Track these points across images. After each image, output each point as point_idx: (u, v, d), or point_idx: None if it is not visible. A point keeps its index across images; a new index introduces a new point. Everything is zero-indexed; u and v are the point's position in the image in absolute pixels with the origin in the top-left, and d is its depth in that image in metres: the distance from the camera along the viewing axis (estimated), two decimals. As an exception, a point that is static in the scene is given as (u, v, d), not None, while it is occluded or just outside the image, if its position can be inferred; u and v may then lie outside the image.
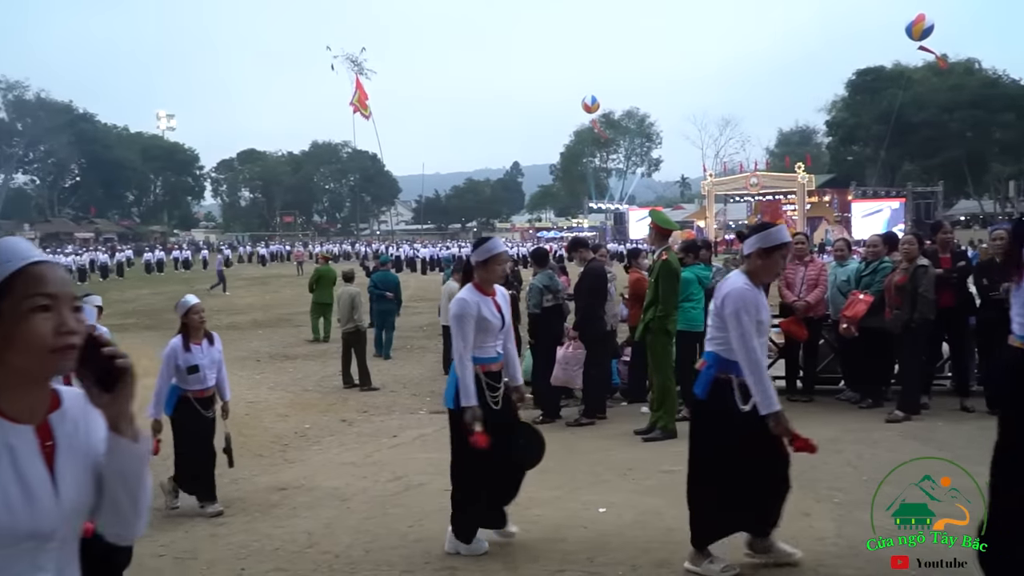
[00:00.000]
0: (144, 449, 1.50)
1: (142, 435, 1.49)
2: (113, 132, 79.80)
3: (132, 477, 1.49)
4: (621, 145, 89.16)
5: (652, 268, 7.26)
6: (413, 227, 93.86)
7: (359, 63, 75.97)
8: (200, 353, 5.98)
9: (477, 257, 4.43)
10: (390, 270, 15.13)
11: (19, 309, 1.39)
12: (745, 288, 3.70)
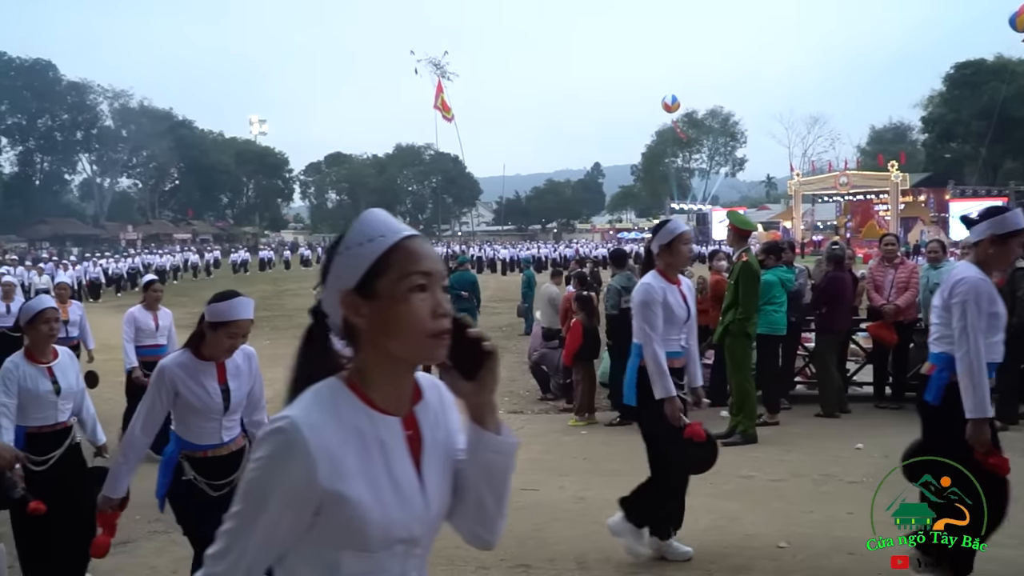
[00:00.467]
0: (511, 443, 1.37)
1: (504, 427, 1.37)
2: (209, 137, 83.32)
3: (499, 473, 1.37)
4: (704, 144, 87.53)
5: (732, 269, 7.15)
6: (494, 228, 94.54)
7: (442, 66, 76.97)
8: None
9: (661, 240, 4.16)
10: (468, 270, 15.38)
11: (397, 289, 1.27)
12: (979, 279, 3.37)
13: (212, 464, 3.34)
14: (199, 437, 3.32)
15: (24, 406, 3.97)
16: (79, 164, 74.64)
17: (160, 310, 7.18)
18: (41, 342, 4.18)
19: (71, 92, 69.52)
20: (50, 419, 4.07)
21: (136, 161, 76.00)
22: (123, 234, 64.26)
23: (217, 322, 3.24)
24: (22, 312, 4.17)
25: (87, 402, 4.37)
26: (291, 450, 1.22)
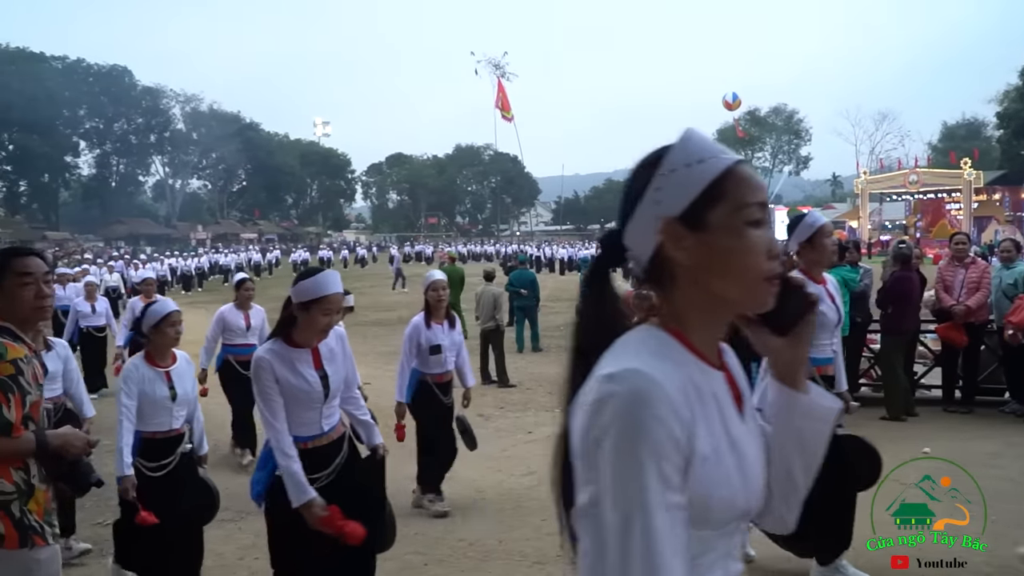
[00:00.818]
0: (831, 406, 1.16)
1: (814, 387, 1.17)
2: (275, 139, 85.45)
3: (813, 442, 1.15)
4: (767, 143, 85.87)
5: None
6: (552, 228, 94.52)
7: (501, 67, 77.41)
8: (441, 333, 5.58)
9: (799, 237, 3.81)
10: (527, 268, 15.59)
11: (733, 221, 1.08)
12: None
13: (313, 456, 3.19)
14: (299, 428, 3.18)
15: (140, 410, 3.94)
16: (152, 166, 77.58)
17: (252, 308, 7.07)
18: (165, 346, 4.10)
19: (145, 97, 72.19)
20: (164, 425, 4.02)
21: (206, 163, 78.47)
22: (193, 234, 66.40)
23: (309, 300, 3.10)
24: (148, 315, 4.07)
25: (198, 410, 4.32)
26: (653, 402, 0.97)
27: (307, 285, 3.11)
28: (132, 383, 3.93)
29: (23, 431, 2.41)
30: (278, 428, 3.07)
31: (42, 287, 2.56)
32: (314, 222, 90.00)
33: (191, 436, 4.23)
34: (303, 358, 3.18)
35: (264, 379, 3.09)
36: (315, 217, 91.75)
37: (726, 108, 68.65)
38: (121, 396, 3.92)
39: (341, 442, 3.33)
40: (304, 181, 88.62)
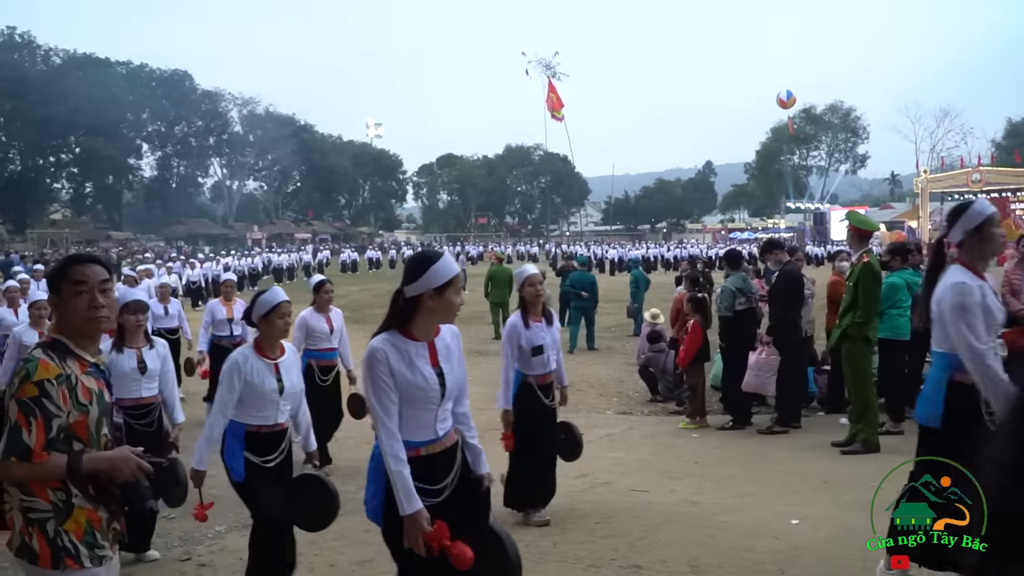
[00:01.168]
0: None
1: None
2: (328, 141, 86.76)
3: None
4: (823, 141, 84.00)
5: (851, 271, 6.90)
6: (602, 228, 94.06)
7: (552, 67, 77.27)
8: (541, 332, 5.18)
9: (966, 225, 3.47)
10: (588, 271, 15.83)
11: None
12: None
13: (429, 464, 2.85)
14: (414, 432, 2.83)
15: (246, 402, 3.80)
16: (211, 168, 79.42)
17: (332, 311, 6.83)
18: (274, 337, 3.94)
19: (205, 100, 73.99)
20: (270, 419, 3.88)
21: (262, 164, 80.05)
22: (249, 234, 67.84)
23: (442, 284, 2.79)
24: (257, 305, 3.92)
25: (304, 404, 4.16)
26: None
27: (438, 269, 2.79)
28: (238, 376, 3.78)
29: (46, 456, 2.26)
30: (391, 429, 2.76)
31: (96, 296, 2.41)
32: (366, 222, 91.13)
33: (299, 432, 4.12)
34: (420, 352, 2.85)
35: (379, 372, 2.77)
36: (367, 217, 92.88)
37: (780, 106, 67.45)
38: (222, 387, 3.80)
39: (455, 451, 2.97)
40: (356, 182, 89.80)
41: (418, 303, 2.82)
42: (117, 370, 4.55)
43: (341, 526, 5.22)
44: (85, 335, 2.45)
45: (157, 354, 4.84)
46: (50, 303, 2.57)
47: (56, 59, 64.26)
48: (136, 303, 4.85)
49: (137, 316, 4.78)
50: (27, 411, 2.24)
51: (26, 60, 61.75)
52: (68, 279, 2.40)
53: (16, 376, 2.30)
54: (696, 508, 5.37)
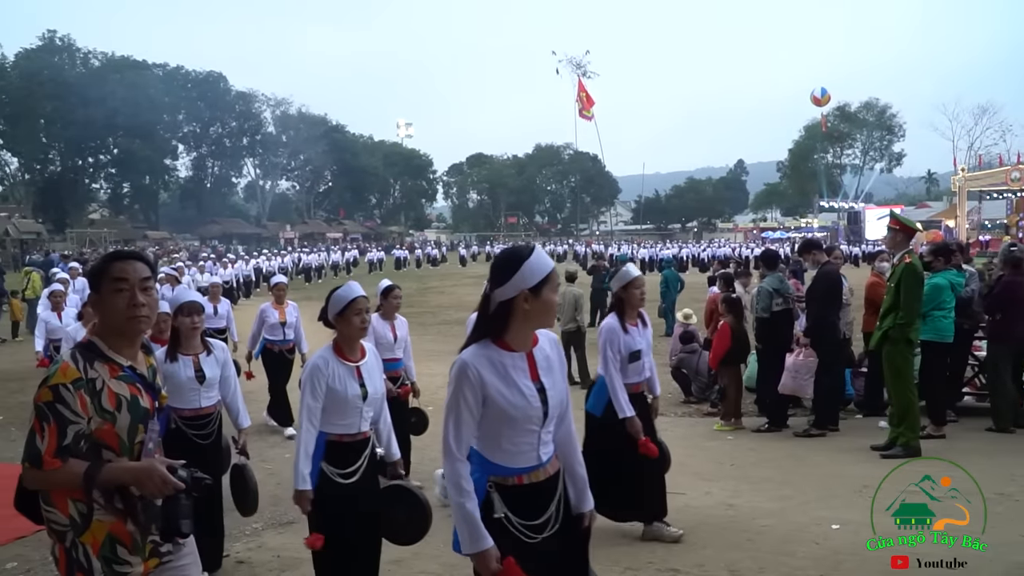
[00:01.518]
0: None
1: None
2: (360, 141, 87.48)
3: None
4: (858, 139, 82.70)
5: (892, 271, 6.77)
6: (632, 227, 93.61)
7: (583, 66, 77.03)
8: (639, 336, 4.82)
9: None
10: None
11: None
12: None
13: (528, 495, 2.42)
14: (513, 457, 2.42)
15: (327, 410, 3.46)
16: (244, 168, 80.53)
17: (397, 319, 6.17)
18: (352, 337, 3.56)
19: (239, 101, 74.97)
20: (353, 427, 3.53)
21: (294, 164, 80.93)
22: (282, 233, 68.60)
23: (540, 283, 2.37)
24: (332, 301, 3.57)
25: (386, 410, 3.80)
26: None
27: (532, 265, 2.38)
28: (319, 380, 3.44)
29: (59, 463, 2.14)
30: (459, 456, 2.36)
31: (137, 295, 2.28)
32: (396, 222, 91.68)
33: (381, 441, 3.75)
34: (519, 364, 2.43)
35: (465, 388, 2.36)
36: (397, 217, 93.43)
37: (815, 104, 66.48)
38: (305, 395, 3.45)
39: (558, 480, 2.52)
40: (387, 181, 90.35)
41: (512, 307, 2.41)
42: (173, 380, 4.27)
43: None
44: (124, 336, 2.31)
45: (216, 360, 4.50)
46: (90, 302, 2.41)
47: (95, 62, 65.51)
48: (191, 304, 4.45)
49: (192, 319, 4.41)
50: (41, 416, 2.15)
51: (66, 63, 63.05)
52: (108, 276, 2.29)
53: None
54: (733, 511, 5.31)
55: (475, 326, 2.52)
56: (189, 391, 4.37)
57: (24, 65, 59.47)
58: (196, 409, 4.41)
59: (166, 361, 4.31)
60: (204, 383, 4.42)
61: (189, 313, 4.40)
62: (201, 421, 4.42)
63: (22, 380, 10.51)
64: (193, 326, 4.42)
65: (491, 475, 2.42)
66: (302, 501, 3.40)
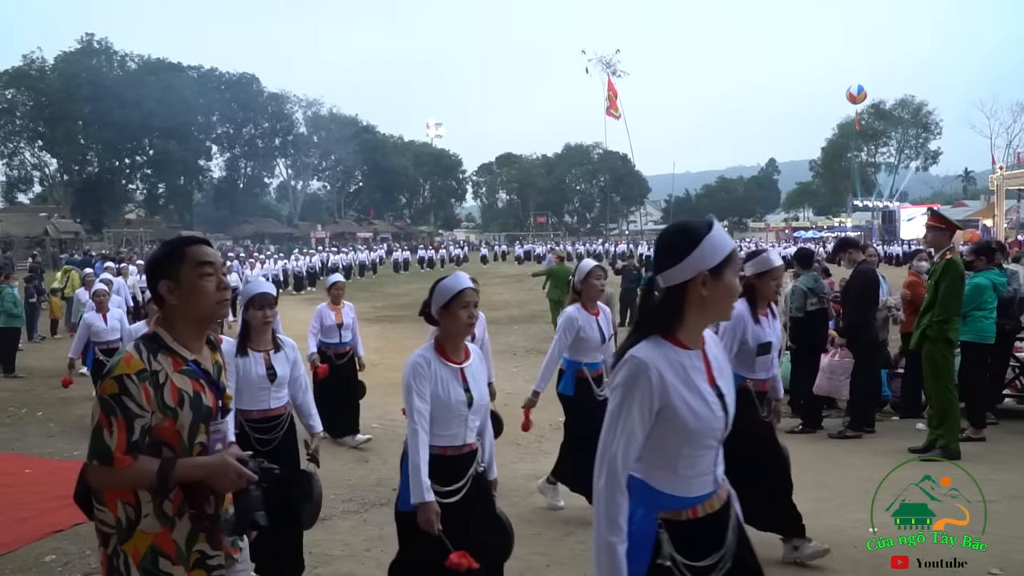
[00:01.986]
0: None
1: None
2: (390, 141, 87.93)
3: None
4: (892, 137, 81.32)
5: (932, 270, 6.64)
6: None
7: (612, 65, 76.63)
8: (768, 327, 4.46)
9: None
10: None
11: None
12: None
13: (702, 529, 1.98)
14: (688, 484, 1.97)
15: (430, 419, 3.06)
16: (276, 168, 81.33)
17: None
18: (458, 334, 3.17)
19: (271, 103, 75.76)
20: (459, 438, 3.12)
21: (325, 165, 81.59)
22: (313, 233, 69.18)
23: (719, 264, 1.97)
24: (437, 292, 3.16)
25: (489, 420, 3.38)
26: None
27: (713, 242, 1.98)
28: (424, 382, 3.07)
29: (130, 460, 2.02)
30: (622, 483, 1.90)
31: (222, 278, 2.24)
32: (426, 221, 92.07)
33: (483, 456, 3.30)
34: (696, 365, 2.01)
35: (640, 395, 1.91)
36: (427, 216, 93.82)
37: (850, 101, 65.50)
38: (412, 397, 3.06)
39: (731, 506, 2.09)
40: (417, 181, 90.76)
41: (685, 295, 2.00)
42: (242, 378, 4.04)
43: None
44: (202, 325, 2.23)
45: (286, 358, 4.22)
46: (165, 292, 2.19)
47: (132, 64, 66.64)
48: (263, 296, 4.16)
49: (264, 312, 4.12)
50: (108, 409, 2.03)
51: (104, 66, 64.25)
52: (192, 261, 2.18)
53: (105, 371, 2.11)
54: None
55: (639, 318, 2.10)
56: (258, 390, 4.11)
57: (63, 68, 60.74)
58: (264, 411, 4.15)
59: (236, 356, 4.06)
60: (275, 382, 4.15)
61: (261, 306, 4.13)
62: (269, 424, 4.13)
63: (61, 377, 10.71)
64: (265, 320, 4.14)
65: (661, 509, 1.95)
66: (428, 515, 2.95)
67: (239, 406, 4.05)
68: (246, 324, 4.16)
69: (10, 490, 6.20)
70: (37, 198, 64.90)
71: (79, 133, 62.85)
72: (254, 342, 4.16)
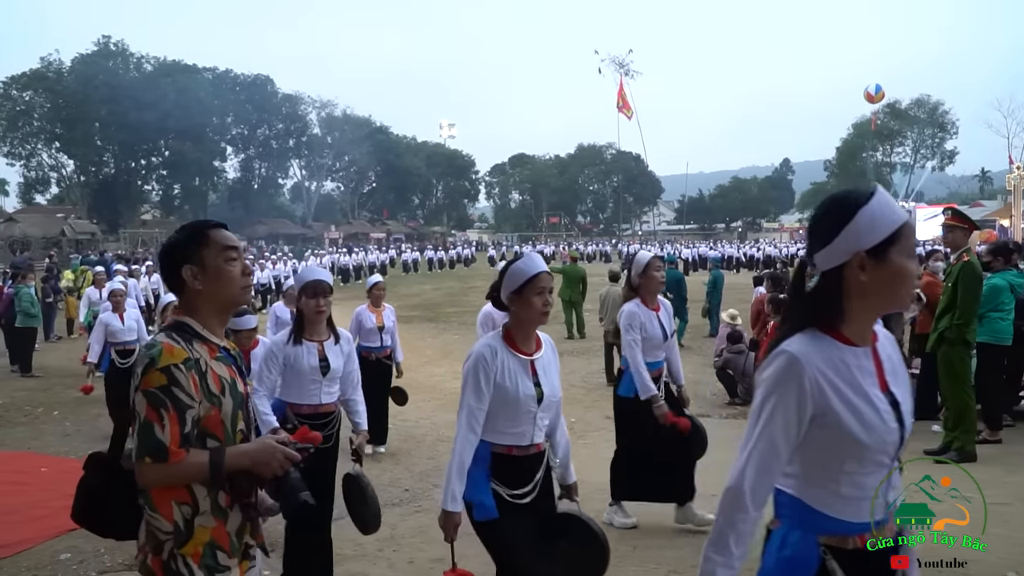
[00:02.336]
0: None
1: None
2: (403, 142, 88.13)
3: None
4: (908, 136, 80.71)
5: (949, 271, 6.58)
6: (675, 227, 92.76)
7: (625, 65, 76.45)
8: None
9: None
10: (676, 268, 16.13)
11: None
12: None
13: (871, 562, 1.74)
14: (856, 506, 1.70)
15: (492, 414, 2.79)
16: (291, 169, 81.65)
17: None
18: (531, 322, 2.84)
19: (285, 104, 76.07)
20: (526, 437, 2.84)
21: (339, 166, 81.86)
22: (327, 233, 69.44)
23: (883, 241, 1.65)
24: (509, 276, 2.86)
25: (562, 418, 3.13)
26: None
27: (874, 212, 1.64)
28: (486, 374, 2.76)
29: (183, 454, 1.94)
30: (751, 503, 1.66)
31: (246, 262, 2.18)
32: (439, 222, 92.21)
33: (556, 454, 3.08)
34: (865, 366, 1.70)
35: (786, 396, 1.63)
36: (440, 217, 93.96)
37: (868, 100, 65.00)
38: (467, 393, 2.79)
39: None
40: (430, 182, 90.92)
41: (843, 281, 1.68)
42: (293, 367, 3.86)
43: (420, 523, 5.29)
44: (226, 311, 2.17)
45: (341, 351, 4.02)
46: (188, 277, 2.09)
47: (148, 66, 67.13)
48: (317, 284, 3.92)
49: (318, 300, 3.90)
50: (156, 403, 1.92)
51: (120, 67, 64.75)
52: (215, 246, 2.10)
53: (139, 366, 1.98)
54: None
55: (789, 306, 1.87)
56: (310, 383, 3.91)
57: (80, 70, 61.27)
58: (315, 406, 3.96)
59: (289, 343, 3.89)
60: (327, 375, 3.94)
61: (315, 294, 3.92)
62: (320, 421, 3.90)
63: (78, 377, 10.80)
64: (319, 309, 3.92)
65: (822, 534, 1.67)
66: (448, 525, 2.77)
67: (287, 399, 3.93)
68: (299, 312, 4.00)
69: (27, 488, 6.26)
70: (54, 199, 65.51)
71: (96, 134, 63.35)
72: (308, 331, 3.96)
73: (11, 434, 8.43)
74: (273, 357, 3.93)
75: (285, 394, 3.96)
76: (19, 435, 8.35)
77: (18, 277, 13.06)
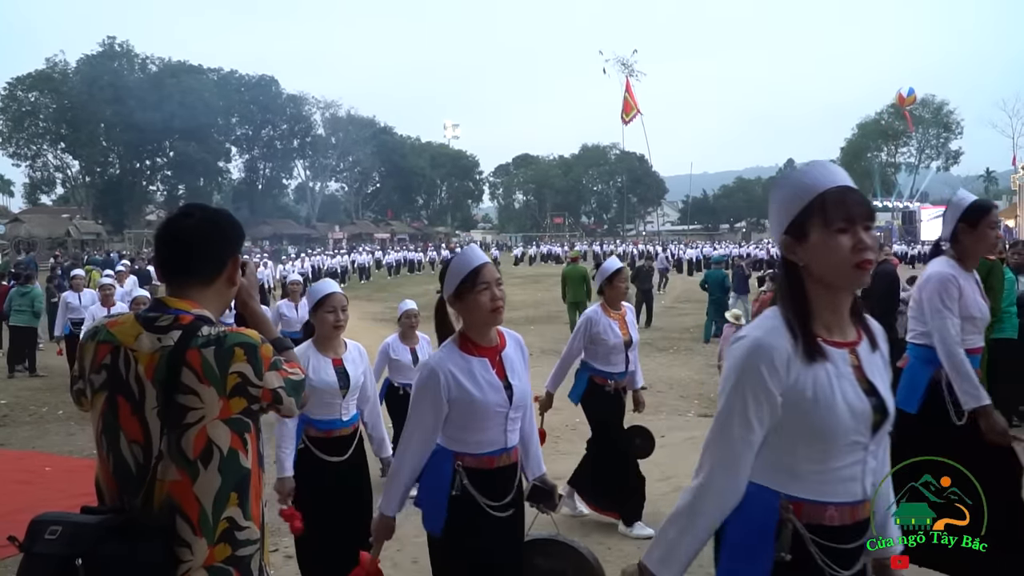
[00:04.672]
0: None
1: None
2: (407, 142, 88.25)
3: None
4: (913, 137, 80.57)
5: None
6: (679, 228, 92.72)
7: (630, 65, 76.39)
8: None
9: None
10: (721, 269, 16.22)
11: None
12: None
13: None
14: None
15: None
16: (295, 170, 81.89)
17: None
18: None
19: (290, 104, 76.26)
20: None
21: (343, 166, 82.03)
22: (331, 234, 69.58)
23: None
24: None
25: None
26: None
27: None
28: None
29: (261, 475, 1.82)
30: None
31: None
32: (443, 222, 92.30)
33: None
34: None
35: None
36: (444, 217, 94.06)
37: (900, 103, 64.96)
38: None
39: None
40: (434, 182, 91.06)
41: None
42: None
43: (423, 522, 5.27)
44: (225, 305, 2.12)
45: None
46: None
47: (152, 67, 67.35)
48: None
49: (336, 314, 3.61)
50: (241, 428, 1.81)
51: (125, 69, 64.97)
52: None
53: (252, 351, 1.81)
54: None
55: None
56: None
57: (85, 71, 61.52)
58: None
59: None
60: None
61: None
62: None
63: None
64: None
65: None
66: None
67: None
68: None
69: (31, 488, 6.27)
70: (59, 199, 65.75)
71: (101, 135, 63.59)
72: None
73: (16, 434, 8.45)
74: None
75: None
76: (24, 435, 8.37)
77: (21, 277, 13.09)
